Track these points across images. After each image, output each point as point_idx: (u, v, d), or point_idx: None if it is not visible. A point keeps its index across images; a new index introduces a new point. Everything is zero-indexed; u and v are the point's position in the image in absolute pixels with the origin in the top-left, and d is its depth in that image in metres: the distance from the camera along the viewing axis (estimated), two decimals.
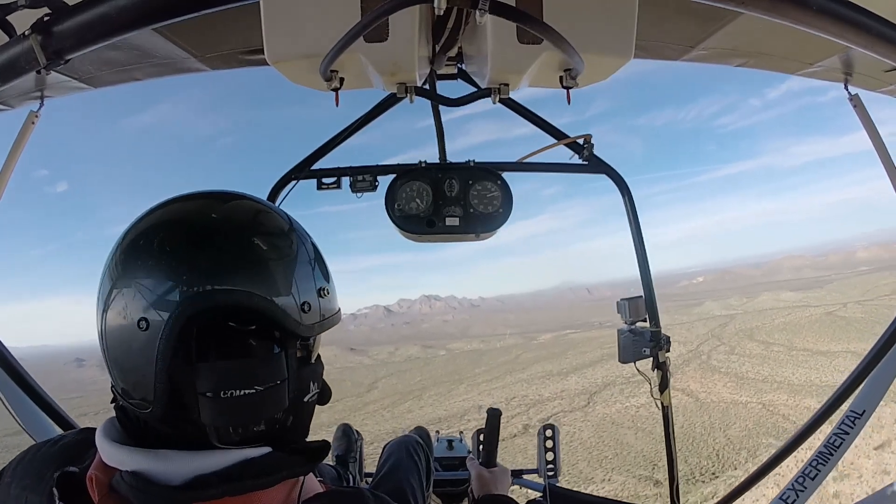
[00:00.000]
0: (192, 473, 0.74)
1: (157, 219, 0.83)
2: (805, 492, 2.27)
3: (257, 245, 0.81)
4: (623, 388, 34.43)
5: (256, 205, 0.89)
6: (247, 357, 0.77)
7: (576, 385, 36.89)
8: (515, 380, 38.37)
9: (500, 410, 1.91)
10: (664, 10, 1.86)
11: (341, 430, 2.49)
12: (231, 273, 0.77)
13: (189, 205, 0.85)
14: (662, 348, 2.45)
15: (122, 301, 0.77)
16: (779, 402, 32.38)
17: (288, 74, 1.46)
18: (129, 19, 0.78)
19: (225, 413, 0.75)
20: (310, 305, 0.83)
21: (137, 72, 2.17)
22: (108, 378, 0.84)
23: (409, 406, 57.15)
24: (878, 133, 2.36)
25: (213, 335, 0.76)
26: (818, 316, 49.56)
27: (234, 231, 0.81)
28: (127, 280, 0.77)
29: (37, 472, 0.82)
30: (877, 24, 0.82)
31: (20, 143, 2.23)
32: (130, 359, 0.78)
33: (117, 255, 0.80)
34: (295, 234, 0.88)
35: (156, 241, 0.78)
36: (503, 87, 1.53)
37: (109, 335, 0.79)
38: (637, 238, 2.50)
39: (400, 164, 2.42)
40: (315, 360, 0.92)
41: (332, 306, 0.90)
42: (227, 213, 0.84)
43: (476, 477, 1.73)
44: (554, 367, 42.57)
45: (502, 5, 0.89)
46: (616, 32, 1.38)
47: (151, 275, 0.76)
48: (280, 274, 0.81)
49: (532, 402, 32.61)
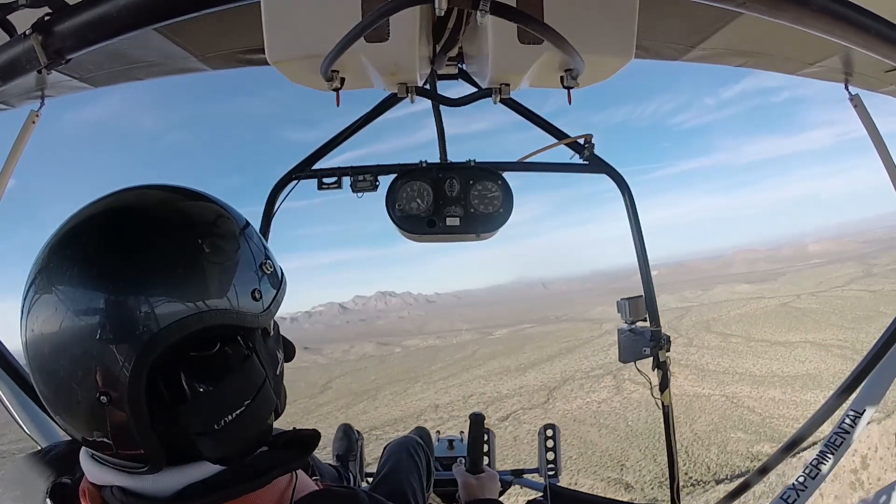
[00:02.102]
0: (181, 484, 0.73)
1: (74, 241, 0.71)
2: (806, 491, 2.27)
3: (193, 249, 0.71)
4: (583, 384, 34.04)
5: (174, 201, 0.78)
6: (224, 378, 0.70)
7: (534, 381, 36.49)
8: (473, 377, 37.99)
9: (484, 415, 1.90)
10: (664, 10, 1.86)
11: (342, 431, 2.50)
12: (172, 297, 0.68)
13: (100, 220, 0.73)
14: (662, 348, 2.45)
15: (63, 363, 0.67)
16: (742, 393, 32.11)
17: (288, 74, 1.46)
18: (129, 19, 0.78)
19: (225, 442, 0.71)
20: (258, 291, 0.77)
21: (137, 72, 2.17)
22: None
23: (363, 407, 56.20)
24: (878, 133, 2.36)
25: (181, 370, 0.69)
26: (773, 307, 49.67)
27: (163, 243, 0.71)
28: (61, 336, 0.67)
29: (28, 484, 0.81)
30: (877, 24, 0.82)
31: (20, 143, 2.23)
32: (101, 429, 0.69)
33: (39, 314, 0.69)
34: (222, 220, 0.78)
35: (81, 274, 0.68)
36: (504, 87, 1.53)
37: (62, 401, 0.70)
38: (637, 237, 2.50)
39: (400, 164, 2.42)
40: (273, 328, 0.86)
41: (277, 276, 0.83)
42: (150, 225, 0.72)
43: (462, 485, 1.73)
44: (511, 362, 42.27)
45: (503, 6, 0.89)
46: (616, 32, 1.38)
47: (87, 324, 0.66)
48: (220, 277, 0.73)
49: (490, 400, 32.20)
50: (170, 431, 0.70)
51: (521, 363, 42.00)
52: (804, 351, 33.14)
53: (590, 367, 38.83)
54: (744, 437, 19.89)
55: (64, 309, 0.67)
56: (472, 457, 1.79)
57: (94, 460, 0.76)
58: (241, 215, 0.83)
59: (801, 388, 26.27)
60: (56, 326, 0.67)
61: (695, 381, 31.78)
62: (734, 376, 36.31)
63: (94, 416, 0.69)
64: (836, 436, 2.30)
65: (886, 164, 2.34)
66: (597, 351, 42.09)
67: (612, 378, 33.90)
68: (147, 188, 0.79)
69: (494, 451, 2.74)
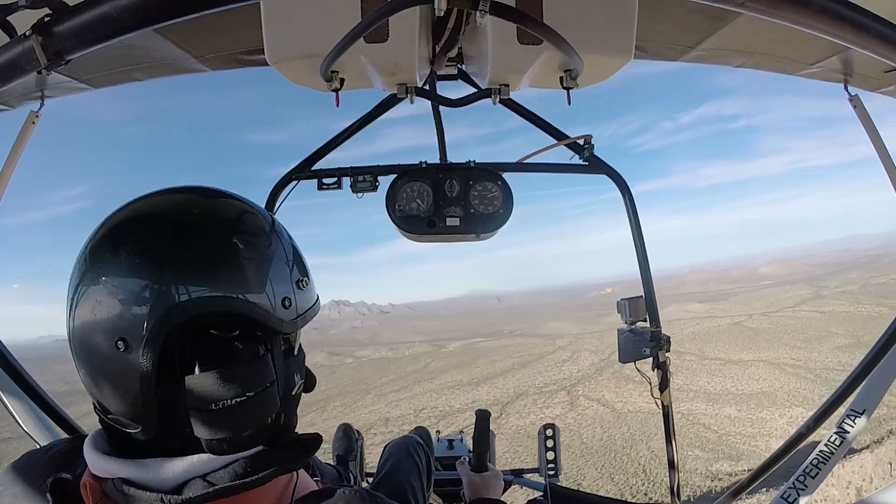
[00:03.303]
0: (181, 478, 0.73)
1: (127, 220, 0.79)
2: (806, 490, 2.28)
3: (234, 245, 0.78)
4: (536, 399, 33.49)
5: (231, 201, 0.85)
6: (233, 364, 0.74)
7: (487, 395, 35.93)
8: (424, 390, 37.31)
9: (489, 412, 1.88)
10: (664, 10, 1.86)
11: (342, 431, 2.49)
12: (208, 278, 0.74)
13: (157, 204, 0.81)
14: (662, 348, 2.45)
15: (95, 317, 0.73)
16: (698, 411, 31.63)
17: (288, 75, 1.46)
18: (129, 20, 0.78)
19: (218, 425, 0.73)
20: (290, 300, 0.81)
21: (137, 72, 2.17)
22: None
23: (311, 419, 54.89)
24: (878, 133, 2.36)
25: (196, 345, 0.74)
26: (725, 326, 49.59)
27: (209, 232, 0.78)
28: (98, 294, 0.73)
29: (29, 480, 0.81)
30: (877, 24, 0.82)
31: (20, 143, 2.23)
32: (110, 379, 0.75)
33: (84, 263, 0.76)
34: (269, 228, 0.85)
35: (126, 247, 0.74)
36: (503, 88, 1.53)
37: (84, 352, 0.76)
38: (637, 238, 2.50)
39: (400, 165, 2.42)
40: (297, 351, 0.90)
41: (311, 296, 0.88)
42: (200, 213, 0.79)
43: (467, 483, 1.72)
44: (464, 376, 41.73)
45: (502, 6, 0.89)
46: (616, 33, 1.38)
47: (124, 285, 0.72)
48: (257, 273, 0.78)
49: (442, 414, 31.52)
50: (170, 400, 0.73)
51: (473, 377, 41.49)
52: (758, 369, 33.06)
53: (543, 382, 38.55)
54: (701, 455, 19.66)
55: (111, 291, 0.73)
56: (478, 454, 1.77)
57: (98, 451, 0.77)
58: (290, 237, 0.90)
59: (756, 405, 26.16)
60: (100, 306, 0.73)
61: (649, 398, 31.68)
62: (689, 393, 36.05)
63: (108, 363, 0.74)
64: (836, 435, 2.30)
65: (886, 164, 2.34)
66: (550, 366, 41.83)
67: (566, 394, 33.63)
68: (209, 192, 0.86)
69: (494, 451, 2.74)
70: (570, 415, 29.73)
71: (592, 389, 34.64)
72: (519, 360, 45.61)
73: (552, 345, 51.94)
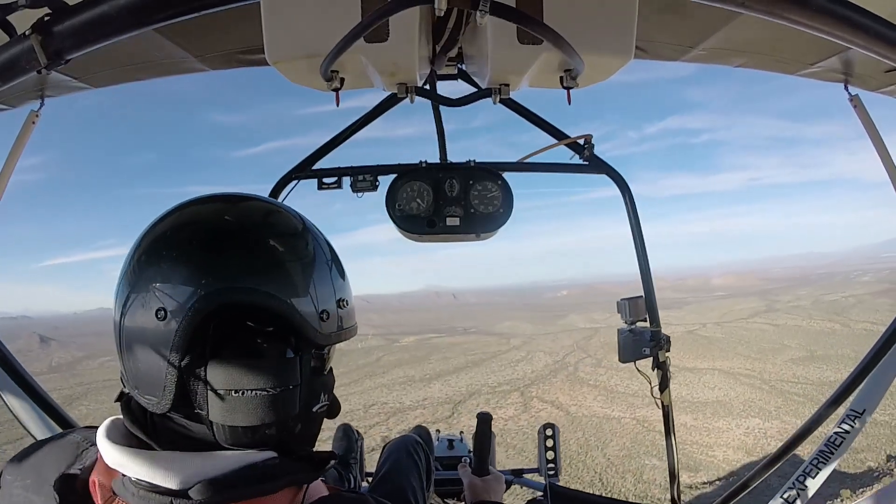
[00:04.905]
0: (194, 478, 0.73)
1: (180, 219, 0.83)
2: (806, 490, 2.28)
3: (283, 250, 0.82)
4: (489, 399, 32.84)
5: (287, 214, 0.90)
6: (261, 357, 0.76)
7: (439, 393, 35.23)
8: (375, 384, 36.63)
9: (491, 415, 1.86)
10: (664, 10, 1.86)
11: (342, 431, 2.49)
12: (254, 273, 0.77)
13: (217, 206, 0.85)
14: (662, 348, 2.45)
15: (142, 296, 0.77)
16: (653, 418, 31.14)
17: (288, 75, 1.46)
18: (129, 20, 0.78)
19: (234, 412, 0.74)
20: (328, 314, 0.84)
21: (137, 72, 2.17)
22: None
23: None
24: (878, 133, 2.36)
25: (230, 333, 0.76)
26: (680, 334, 49.27)
27: (263, 234, 0.83)
28: (147, 277, 0.78)
29: (38, 472, 0.82)
30: (877, 24, 0.82)
31: (20, 143, 2.23)
32: (143, 349, 0.78)
33: (137, 254, 0.81)
34: (320, 243, 0.89)
35: (178, 240, 0.79)
36: (503, 88, 1.53)
37: (126, 324, 0.79)
38: (638, 238, 2.50)
39: (401, 164, 2.42)
40: (328, 372, 0.92)
41: (350, 318, 0.91)
42: (259, 217, 0.86)
43: (468, 486, 1.71)
44: (416, 372, 41.03)
45: (503, 6, 0.89)
46: (616, 33, 1.38)
47: (173, 271, 0.77)
48: (302, 280, 0.82)
49: (392, 411, 30.86)
50: (192, 377, 0.76)
51: (426, 373, 40.71)
52: (713, 378, 32.87)
53: (497, 381, 37.92)
54: (658, 465, 19.42)
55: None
56: (479, 457, 1.75)
57: (111, 441, 0.77)
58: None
59: (712, 414, 25.98)
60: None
61: (604, 402, 30.81)
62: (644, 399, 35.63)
63: (145, 331, 0.77)
64: (836, 435, 2.30)
65: (886, 164, 2.34)
66: (504, 366, 41.36)
67: (520, 395, 33.15)
68: (272, 203, 0.94)
69: (495, 452, 2.74)
70: (524, 416, 29.28)
71: (546, 391, 34.27)
72: (472, 358, 45.17)
73: (506, 344, 51.45)
